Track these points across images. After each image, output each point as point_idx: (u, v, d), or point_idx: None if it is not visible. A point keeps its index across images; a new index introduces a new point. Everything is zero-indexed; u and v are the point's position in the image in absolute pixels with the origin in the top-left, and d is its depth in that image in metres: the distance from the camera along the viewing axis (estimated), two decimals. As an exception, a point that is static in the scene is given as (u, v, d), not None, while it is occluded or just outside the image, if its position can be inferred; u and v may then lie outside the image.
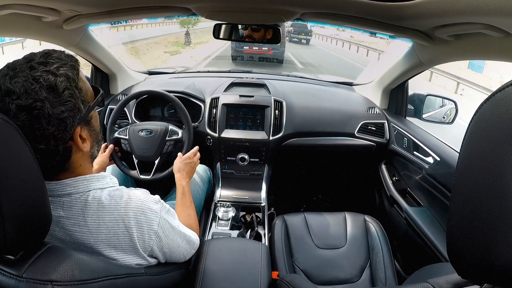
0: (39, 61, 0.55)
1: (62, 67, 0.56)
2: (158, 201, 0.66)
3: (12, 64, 0.55)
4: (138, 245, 0.60)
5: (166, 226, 0.65)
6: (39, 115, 0.52)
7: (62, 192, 0.59)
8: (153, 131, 1.27)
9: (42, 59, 0.55)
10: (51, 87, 0.53)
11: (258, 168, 1.55)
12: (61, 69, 0.56)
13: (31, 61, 0.55)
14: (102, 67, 1.59)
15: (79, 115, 0.58)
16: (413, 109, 1.58)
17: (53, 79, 0.53)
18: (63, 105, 0.54)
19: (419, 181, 1.38)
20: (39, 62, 0.55)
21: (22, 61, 0.55)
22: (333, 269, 1.15)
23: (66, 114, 0.55)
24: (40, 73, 0.53)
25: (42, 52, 0.57)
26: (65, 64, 0.57)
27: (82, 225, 0.58)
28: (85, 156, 0.63)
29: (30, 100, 0.51)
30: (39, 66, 0.54)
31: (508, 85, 0.33)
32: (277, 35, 1.16)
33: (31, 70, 0.53)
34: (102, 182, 0.64)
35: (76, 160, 0.61)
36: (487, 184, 0.32)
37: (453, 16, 0.72)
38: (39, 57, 0.56)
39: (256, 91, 1.57)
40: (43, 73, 0.53)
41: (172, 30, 17.07)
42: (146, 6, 0.95)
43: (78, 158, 0.61)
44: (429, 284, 0.47)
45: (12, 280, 0.45)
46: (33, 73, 0.53)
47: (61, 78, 0.54)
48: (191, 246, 0.77)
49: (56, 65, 0.55)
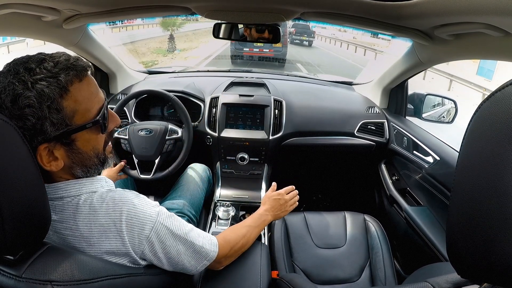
0: (28, 67, 0.53)
1: (43, 81, 0.52)
2: (156, 205, 0.64)
3: (13, 60, 0.55)
4: (130, 249, 0.59)
5: (163, 231, 0.62)
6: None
7: (53, 196, 0.58)
8: (153, 130, 1.27)
9: (33, 65, 0.53)
10: (15, 99, 0.51)
11: (257, 168, 1.55)
12: (41, 83, 0.52)
13: (25, 63, 0.53)
14: (102, 67, 1.59)
15: (41, 136, 0.54)
16: (412, 108, 1.58)
17: (20, 91, 0.51)
18: (19, 120, 0.51)
19: (419, 181, 1.38)
20: (27, 68, 0.53)
21: (20, 60, 0.55)
22: (332, 268, 1.15)
23: (21, 131, 0.50)
24: (16, 80, 0.51)
25: (40, 58, 0.55)
26: (50, 77, 0.52)
27: (74, 229, 0.57)
28: (65, 169, 0.59)
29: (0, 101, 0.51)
30: (24, 72, 0.52)
31: (508, 84, 0.33)
32: (277, 34, 1.16)
33: (15, 75, 0.52)
34: (95, 185, 0.62)
35: (53, 174, 0.59)
36: (486, 183, 0.32)
37: (452, 16, 0.72)
38: (33, 61, 0.54)
39: (256, 91, 1.57)
40: (18, 81, 0.51)
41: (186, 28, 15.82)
42: (146, 5, 0.95)
43: (56, 172, 0.59)
44: (429, 284, 0.47)
45: (11, 280, 0.45)
46: (12, 79, 0.52)
47: (29, 93, 0.51)
48: (203, 257, 0.70)
49: (37, 77, 0.52)
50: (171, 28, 13.80)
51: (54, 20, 1.00)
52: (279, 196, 1.08)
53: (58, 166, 0.57)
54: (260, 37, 1.22)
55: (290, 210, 1.10)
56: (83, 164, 0.61)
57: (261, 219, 0.97)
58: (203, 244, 0.70)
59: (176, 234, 0.65)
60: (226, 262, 0.81)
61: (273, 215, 1.03)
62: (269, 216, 1.01)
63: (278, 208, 1.06)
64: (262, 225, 0.97)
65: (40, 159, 0.55)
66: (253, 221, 0.95)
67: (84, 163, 0.61)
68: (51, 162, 0.57)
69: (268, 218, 1.01)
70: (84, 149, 0.60)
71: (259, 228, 0.95)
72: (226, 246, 0.78)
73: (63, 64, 0.55)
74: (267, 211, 1.02)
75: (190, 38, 14.53)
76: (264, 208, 1.03)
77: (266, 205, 1.04)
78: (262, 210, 1.02)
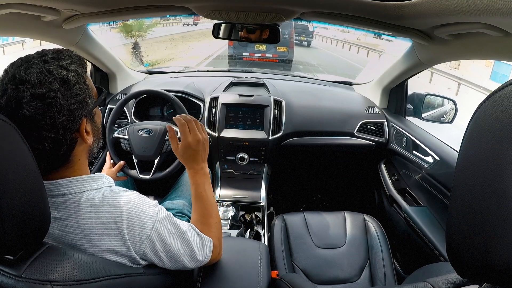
0: (52, 57, 0.59)
1: (73, 64, 0.60)
2: (155, 205, 0.65)
3: (26, 57, 0.59)
4: (131, 248, 0.59)
5: (163, 231, 0.63)
6: (51, 104, 0.55)
7: (55, 193, 0.59)
8: (152, 130, 1.27)
9: (55, 55, 0.60)
10: (64, 80, 0.57)
11: (257, 168, 1.55)
12: (72, 65, 0.60)
13: (44, 56, 0.59)
14: (102, 67, 1.59)
15: (86, 109, 0.62)
16: (412, 108, 1.59)
17: (65, 73, 0.58)
18: (73, 97, 0.58)
19: (419, 181, 1.38)
20: (52, 57, 0.59)
21: (36, 55, 0.59)
22: (332, 268, 1.15)
23: (76, 106, 0.59)
24: (53, 66, 0.57)
25: (55, 49, 0.62)
26: (75, 61, 0.61)
27: (75, 226, 0.58)
28: (85, 150, 0.66)
29: (44, 89, 0.54)
30: (52, 61, 0.58)
31: (508, 84, 0.33)
32: (276, 34, 1.16)
33: (44, 64, 0.57)
34: (97, 183, 0.63)
35: (77, 154, 0.63)
36: (486, 183, 0.32)
37: (452, 16, 0.72)
38: (52, 53, 0.60)
39: (256, 91, 1.57)
40: (56, 67, 0.57)
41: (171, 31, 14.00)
42: (146, 5, 0.95)
43: (80, 152, 0.64)
44: (429, 284, 0.47)
45: (11, 280, 0.45)
46: (47, 66, 0.56)
47: (72, 73, 0.59)
48: (202, 253, 0.70)
49: (67, 62, 0.60)
50: (135, 33, 9.29)
51: (54, 20, 1.00)
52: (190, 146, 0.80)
53: (91, 140, 0.65)
54: (259, 37, 1.22)
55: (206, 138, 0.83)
56: (98, 137, 0.69)
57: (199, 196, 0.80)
58: (200, 242, 0.72)
59: (175, 233, 0.66)
60: (221, 247, 0.80)
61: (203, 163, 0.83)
62: (205, 169, 0.82)
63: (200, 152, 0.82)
64: (209, 185, 0.82)
65: (82, 133, 0.62)
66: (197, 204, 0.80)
67: (98, 136, 0.69)
68: (88, 136, 0.64)
69: (205, 171, 0.82)
70: (98, 122, 0.69)
71: (211, 193, 0.81)
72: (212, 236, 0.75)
73: (73, 53, 0.63)
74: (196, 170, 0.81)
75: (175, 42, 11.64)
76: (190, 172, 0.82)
77: (189, 165, 0.82)
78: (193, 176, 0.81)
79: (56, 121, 0.56)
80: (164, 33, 13.29)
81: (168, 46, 11.47)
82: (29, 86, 0.54)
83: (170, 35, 13.47)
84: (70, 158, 0.62)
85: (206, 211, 0.80)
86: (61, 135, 0.57)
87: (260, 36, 1.21)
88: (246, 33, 1.22)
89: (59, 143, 0.58)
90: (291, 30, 7.30)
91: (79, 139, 0.62)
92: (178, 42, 12.51)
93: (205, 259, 0.73)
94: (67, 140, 0.59)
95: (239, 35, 1.22)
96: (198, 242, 0.71)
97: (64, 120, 0.57)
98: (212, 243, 0.75)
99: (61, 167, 0.61)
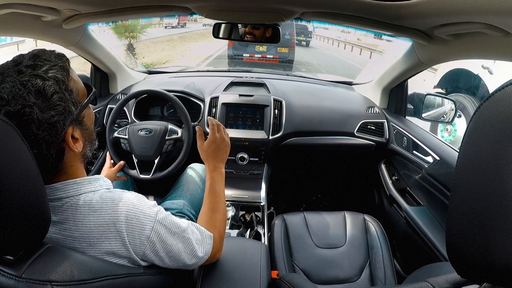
0: (27, 64, 0.54)
1: (51, 69, 0.55)
2: (154, 205, 0.64)
3: (0, 68, 0.54)
4: (131, 249, 0.59)
5: (162, 231, 0.63)
6: (29, 121, 0.51)
7: (52, 197, 0.58)
8: (152, 130, 1.27)
9: (31, 62, 0.54)
10: (39, 91, 0.52)
11: (257, 168, 1.55)
12: (50, 71, 0.54)
13: (19, 65, 0.54)
14: (102, 67, 1.59)
15: (70, 118, 0.57)
16: (412, 108, 1.59)
17: (41, 83, 0.52)
18: (52, 109, 0.54)
19: (419, 181, 1.38)
20: (27, 65, 0.53)
21: (11, 64, 0.54)
22: (332, 268, 1.15)
23: (56, 118, 0.54)
24: (28, 77, 0.52)
25: (31, 54, 0.56)
26: (54, 66, 0.56)
27: (74, 229, 0.57)
28: (77, 156, 0.63)
29: (19, 106, 0.50)
30: (27, 70, 0.53)
31: (508, 84, 0.33)
32: (276, 34, 1.16)
33: (18, 75, 0.52)
34: (94, 185, 0.62)
35: (67, 161, 0.60)
36: (486, 183, 0.32)
37: (452, 16, 0.72)
38: (28, 59, 0.55)
39: (256, 91, 1.57)
40: (31, 78, 0.52)
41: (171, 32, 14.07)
42: (146, 5, 0.95)
43: (70, 159, 0.61)
44: (429, 284, 0.47)
45: (11, 280, 0.45)
46: (20, 78, 0.52)
47: (49, 82, 0.53)
48: (202, 250, 0.71)
49: (44, 68, 0.54)
50: (129, 34, 8.82)
51: (54, 20, 1.00)
52: (216, 142, 0.93)
53: (80, 146, 0.61)
54: (259, 37, 1.22)
55: (229, 143, 0.97)
56: (90, 140, 0.65)
57: (212, 191, 0.86)
58: (201, 239, 0.72)
59: (175, 232, 0.66)
60: (222, 245, 0.82)
61: (222, 163, 0.92)
62: (222, 169, 0.91)
63: (222, 151, 0.93)
64: (223, 184, 0.88)
65: (68, 143, 0.58)
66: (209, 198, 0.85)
67: (91, 139, 0.65)
68: (75, 144, 0.60)
69: (222, 171, 0.91)
70: (89, 124, 0.65)
71: (223, 190, 0.87)
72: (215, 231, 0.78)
73: (53, 55, 0.58)
74: (216, 167, 0.90)
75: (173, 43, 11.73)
76: (209, 167, 0.90)
77: (210, 161, 0.91)
78: (211, 171, 0.89)
79: (36, 137, 0.52)
80: (162, 33, 13.23)
81: (166, 47, 11.35)
82: (4, 103, 0.50)
83: (168, 36, 13.42)
84: (60, 167, 0.59)
85: (216, 205, 0.84)
86: (44, 150, 0.54)
87: (260, 36, 1.21)
88: (246, 33, 1.23)
89: (44, 158, 0.55)
90: (292, 30, 7.24)
91: (66, 148, 0.59)
92: (176, 43, 12.36)
93: (205, 255, 0.72)
94: (52, 154, 0.56)
95: (239, 35, 1.22)
96: (198, 239, 0.71)
97: (45, 135, 0.53)
98: (213, 239, 0.75)
99: (55, 174, 0.60)
